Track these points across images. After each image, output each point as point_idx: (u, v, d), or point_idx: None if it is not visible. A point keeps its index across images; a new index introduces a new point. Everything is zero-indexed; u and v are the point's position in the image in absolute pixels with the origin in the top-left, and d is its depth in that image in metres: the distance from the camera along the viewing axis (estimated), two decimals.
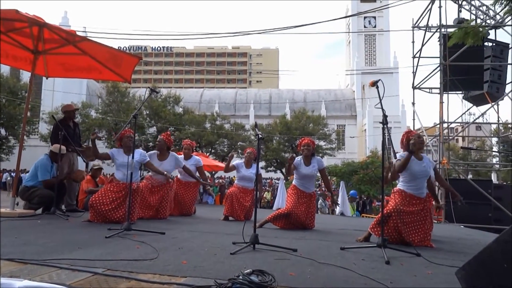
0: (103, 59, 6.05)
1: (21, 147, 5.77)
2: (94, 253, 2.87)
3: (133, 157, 4.49)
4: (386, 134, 3.67)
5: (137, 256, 2.86)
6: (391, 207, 4.29)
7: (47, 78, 6.85)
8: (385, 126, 3.63)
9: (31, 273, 2.22)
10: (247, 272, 2.10)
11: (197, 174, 6.92)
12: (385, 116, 3.61)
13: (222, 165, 17.70)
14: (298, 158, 5.61)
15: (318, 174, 5.89)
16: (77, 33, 6.37)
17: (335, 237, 4.97)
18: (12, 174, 28.43)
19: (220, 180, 28.94)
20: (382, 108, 3.59)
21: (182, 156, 6.92)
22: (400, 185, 4.51)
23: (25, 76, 31.06)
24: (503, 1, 5.92)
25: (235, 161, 6.97)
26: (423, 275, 2.81)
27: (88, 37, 6.28)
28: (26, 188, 5.85)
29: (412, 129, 14.14)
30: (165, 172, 5.77)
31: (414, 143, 4.38)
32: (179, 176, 6.87)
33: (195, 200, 7.17)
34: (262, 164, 33.53)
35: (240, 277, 2.03)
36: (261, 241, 3.45)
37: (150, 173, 6.06)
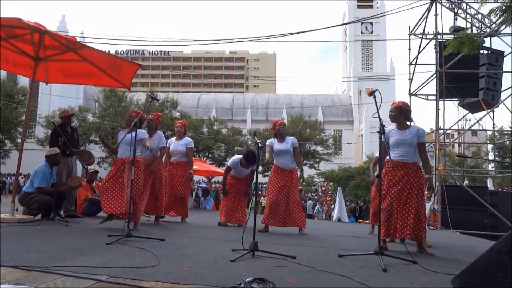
0: (103, 66, 6.09)
1: (21, 153, 5.78)
2: (96, 260, 2.91)
3: (134, 154, 4.55)
4: (383, 139, 3.75)
5: (138, 263, 2.89)
6: (385, 204, 4.35)
7: (46, 84, 6.90)
8: (382, 135, 3.70)
9: (36, 280, 2.26)
10: (248, 280, 2.15)
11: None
12: (382, 126, 3.68)
13: (219, 170, 17.76)
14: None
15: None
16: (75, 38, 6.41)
17: (332, 243, 5.02)
18: (9, 177, 28.38)
19: (217, 185, 28.90)
20: (379, 117, 3.66)
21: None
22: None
23: (22, 80, 30.95)
24: (497, 12, 6.02)
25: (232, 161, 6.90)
26: (419, 282, 2.87)
27: (87, 44, 6.33)
28: (25, 194, 5.87)
29: None
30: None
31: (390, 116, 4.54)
32: (171, 159, 6.75)
33: (187, 182, 6.92)
34: (259, 169, 33.48)
35: (242, 285, 2.08)
36: (260, 248, 3.49)
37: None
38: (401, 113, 4.46)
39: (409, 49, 13.17)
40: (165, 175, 6.34)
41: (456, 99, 12.83)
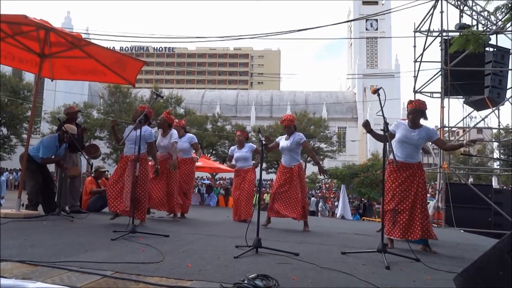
0: (108, 63, 6.12)
1: (27, 149, 5.82)
2: (101, 256, 2.94)
3: (139, 151, 4.58)
4: (388, 138, 3.76)
5: (143, 259, 2.93)
6: (389, 206, 4.36)
7: (52, 81, 6.94)
8: (386, 133, 3.70)
9: (43, 275, 2.29)
10: (252, 276, 2.17)
11: (193, 150, 6.96)
12: (386, 124, 3.68)
13: (223, 166, 17.75)
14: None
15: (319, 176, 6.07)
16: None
17: (335, 241, 5.04)
18: (13, 173, 28.54)
19: (221, 182, 28.98)
20: (383, 115, 3.66)
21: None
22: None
23: (28, 75, 31.12)
24: (503, 9, 5.98)
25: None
26: (422, 280, 2.88)
27: (92, 41, 6.37)
28: (29, 157, 5.72)
29: None
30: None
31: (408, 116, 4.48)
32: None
33: (193, 176, 7.15)
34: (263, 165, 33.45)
35: (245, 281, 2.10)
36: (263, 245, 3.51)
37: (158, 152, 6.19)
38: (421, 114, 4.39)
39: (414, 46, 13.09)
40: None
41: (461, 96, 12.77)
